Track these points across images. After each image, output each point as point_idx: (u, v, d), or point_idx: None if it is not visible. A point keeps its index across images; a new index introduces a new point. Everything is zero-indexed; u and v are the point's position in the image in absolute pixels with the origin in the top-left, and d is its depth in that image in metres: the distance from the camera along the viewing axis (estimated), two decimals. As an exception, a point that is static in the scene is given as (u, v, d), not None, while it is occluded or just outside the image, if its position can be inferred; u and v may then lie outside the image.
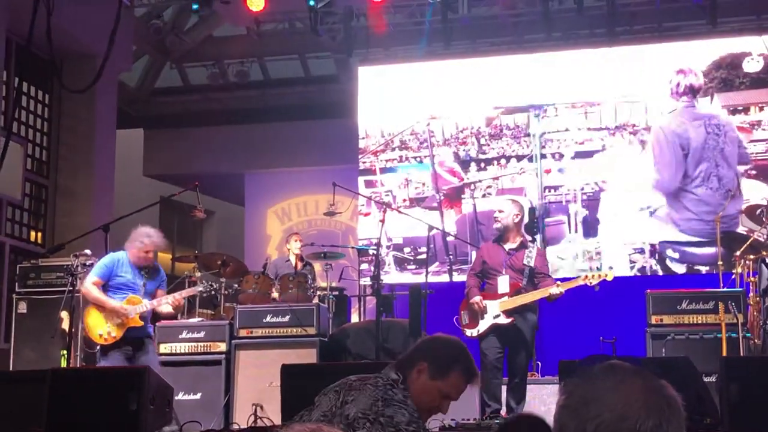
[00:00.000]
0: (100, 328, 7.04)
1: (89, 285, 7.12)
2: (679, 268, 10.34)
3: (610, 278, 7.05)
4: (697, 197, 10.19)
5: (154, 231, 7.26)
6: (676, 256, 10.31)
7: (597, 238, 10.67)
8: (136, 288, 7.13)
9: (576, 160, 10.88)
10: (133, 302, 7.06)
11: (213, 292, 8.27)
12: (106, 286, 7.12)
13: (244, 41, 12.93)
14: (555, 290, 6.93)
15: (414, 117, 11.51)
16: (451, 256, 10.90)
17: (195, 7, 11.65)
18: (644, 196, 10.57)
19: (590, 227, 10.69)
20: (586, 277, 7.14)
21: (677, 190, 10.39)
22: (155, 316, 7.57)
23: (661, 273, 10.41)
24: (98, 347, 7.17)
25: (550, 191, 10.95)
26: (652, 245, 10.50)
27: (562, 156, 10.93)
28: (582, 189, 10.79)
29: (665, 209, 10.46)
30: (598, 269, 10.20)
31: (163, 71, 14.01)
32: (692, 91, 10.55)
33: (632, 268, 10.51)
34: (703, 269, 10.18)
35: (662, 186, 10.53)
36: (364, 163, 11.62)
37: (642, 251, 10.51)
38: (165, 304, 7.15)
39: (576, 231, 10.72)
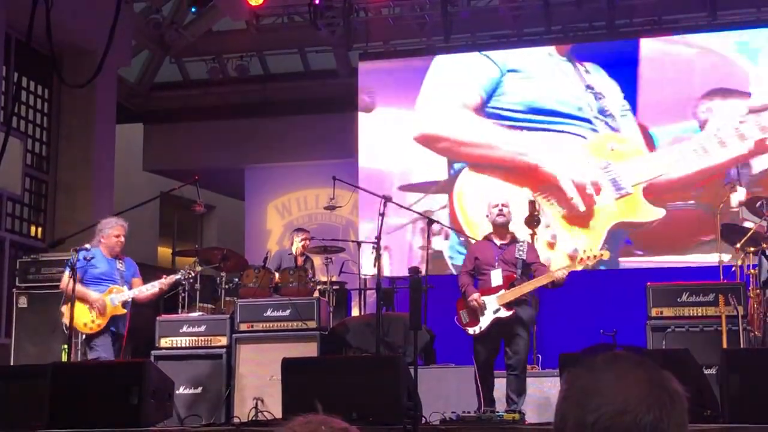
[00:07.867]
0: (84, 317, 7.28)
1: (66, 279, 7.40)
2: None
3: (606, 257, 7.02)
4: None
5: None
6: None
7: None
8: (114, 278, 7.50)
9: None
10: (113, 292, 7.41)
11: (192, 280, 8.35)
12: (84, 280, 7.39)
13: (243, 36, 12.90)
14: (560, 273, 6.94)
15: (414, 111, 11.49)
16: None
17: (193, 9, 11.65)
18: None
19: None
20: (582, 260, 7.10)
21: None
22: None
23: None
24: (83, 336, 7.44)
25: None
26: None
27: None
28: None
29: None
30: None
31: (162, 66, 13.98)
32: None
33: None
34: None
35: None
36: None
37: None
38: (146, 291, 7.53)
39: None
